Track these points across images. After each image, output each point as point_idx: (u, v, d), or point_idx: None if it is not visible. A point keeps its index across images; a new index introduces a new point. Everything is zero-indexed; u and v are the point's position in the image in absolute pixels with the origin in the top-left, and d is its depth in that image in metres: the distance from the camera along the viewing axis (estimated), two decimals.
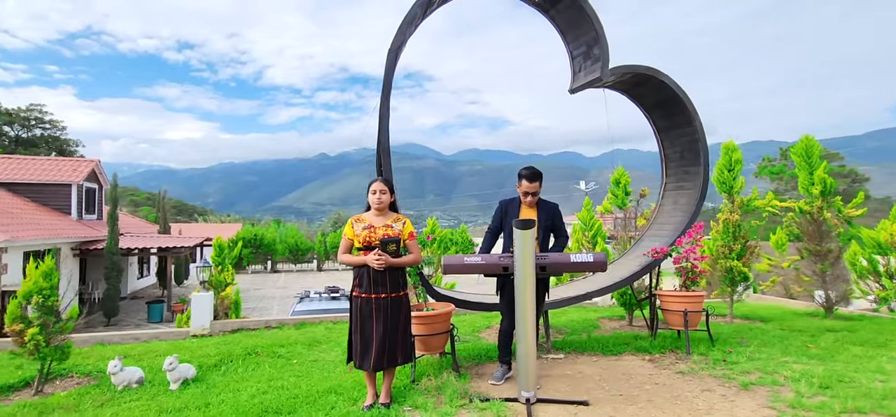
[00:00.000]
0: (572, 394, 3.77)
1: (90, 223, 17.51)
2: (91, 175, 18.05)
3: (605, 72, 5.09)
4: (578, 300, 5.04)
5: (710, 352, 4.73)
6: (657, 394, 3.69)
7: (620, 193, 6.92)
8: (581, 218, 9.52)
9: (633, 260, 5.48)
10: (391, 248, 3.50)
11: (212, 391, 4.25)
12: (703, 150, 5.45)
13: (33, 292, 4.44)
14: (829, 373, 3.92)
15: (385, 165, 4.45)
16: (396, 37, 4.47)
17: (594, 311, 7.86)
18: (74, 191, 16.93)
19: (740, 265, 6.83)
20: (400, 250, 3.59)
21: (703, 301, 4.95)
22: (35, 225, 14.08)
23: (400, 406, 3.57)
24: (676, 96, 5.37)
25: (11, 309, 4.43)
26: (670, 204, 5.89)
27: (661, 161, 6.02)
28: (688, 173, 5.69)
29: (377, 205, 3.65)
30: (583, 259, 3.40)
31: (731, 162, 7.23)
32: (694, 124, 5.45)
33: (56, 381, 4.88)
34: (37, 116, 29.81)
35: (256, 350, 5.65)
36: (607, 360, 4.68)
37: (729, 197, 7.26)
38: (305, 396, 3.90)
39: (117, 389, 4.37)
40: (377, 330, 3.52)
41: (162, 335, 7.04)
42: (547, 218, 4.01)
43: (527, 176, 3.94)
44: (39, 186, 16.37)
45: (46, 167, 17.45)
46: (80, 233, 15.98)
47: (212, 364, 5.18)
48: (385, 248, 3.48)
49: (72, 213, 16.85)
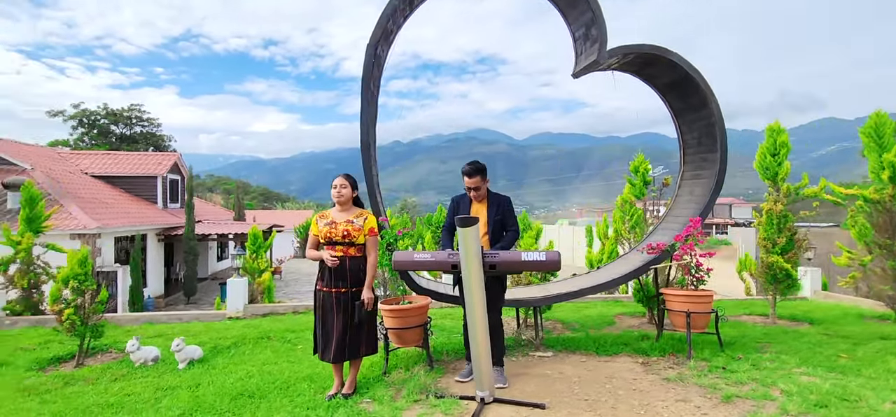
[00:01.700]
0: (539, 396, 3.64)
1: (173, 211, 19.44)
2: (174, 167, 19.99)
3: (602, 54, 4.76)
4: (567, 297, 4.81)
5: (713, 358, 4.33)
6: (625, 401, 3.46)
7: (638, 182, 6.43)
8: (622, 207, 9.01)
9: (636, 257, 5.12)
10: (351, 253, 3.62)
11: (210, 372, 4.62)
12: (720, 135, 4.93)
13: (70, 277, 5.05)
14: (837, 389, 3.44)
15: (365, 161, 4.52)
16: (375, 32, 4.48)
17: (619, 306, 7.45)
18: (159, 183, 18.87)
19: (782, 261, 6.13)
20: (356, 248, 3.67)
21: (712, 301, 4.53)
22: (125, 214, 15.91)
23: (361, 398, 3.67)
24: (689, 76, 4.89)
25: (53, 291, 5.09)
26: (686, 194, 5.40)
27: (680, 147, 5.53)
28: (705, 160, 5.18)
29: (337, 199, 3.73)
30: (535, 257, 3.25)
31: (775, 145, 6.45)
32: (710, 106, 4.94)
33: (97, 355, 5.55)
34: (137, 115, 33.59)
35: (269, 335, 6.02)
36: (596, 361, 4.45)
37: (773, 184, 6.50)
38: (283, 382, 4.12)
39: (135, 365, 4.88)
40: (337, 323, 3.63)
41: (202, 316, 7.72)
42: (497, 212, 3.95)
43: (466, 172, 3.96)
44: (130, 179, 18.44)
45: (136, 161, 19.58)
46: (164, 221, 17.82)
47: (226, 347, 5.60)
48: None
49: (158, 202, 18.81)
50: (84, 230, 13.18)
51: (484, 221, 3.99)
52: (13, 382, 4.62)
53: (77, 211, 13.71)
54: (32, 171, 15.10)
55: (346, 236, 3.65)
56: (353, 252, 3.68)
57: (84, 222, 13.32)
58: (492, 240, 3.98)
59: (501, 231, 4.03)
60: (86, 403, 3.92)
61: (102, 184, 17.83)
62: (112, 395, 4.08)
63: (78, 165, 18.49)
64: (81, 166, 18.48)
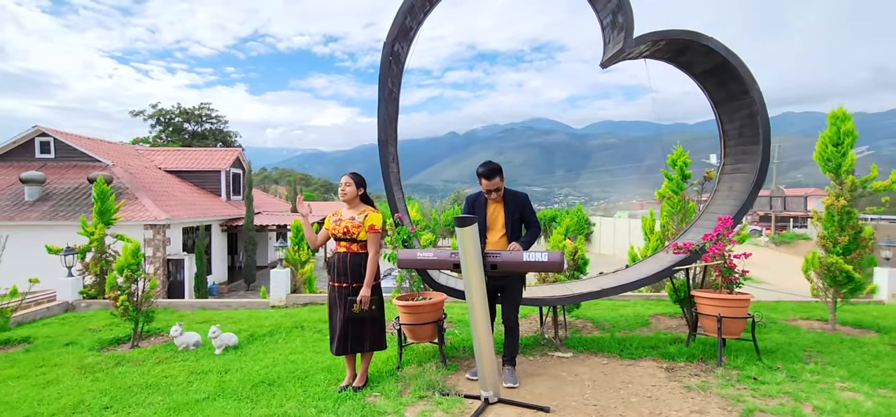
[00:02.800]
0: (548, 398, 3.57)
1: (235, 203, 20.70)
2: (236, 161, 21.25)
3: (629, 41, 4.51)
4: (586, 297, 4.63)
5: (747, 366, 4.02)
6: (635, 409, 3.31)
7: (676, 176, 5.98)
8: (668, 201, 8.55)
9: (667, 256, 4.83)
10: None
11: (241, 359, 4.91)
12: (762, 126, 4.53)
13: (124, 267, 5.54)
14: (880, 410, 3.09)
15: (382, 158, 4.59)
16: (391, 29, 4.51)
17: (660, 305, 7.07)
18: (223, 176, 20.14)
19: (842, 261, 5.55)
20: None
21: (748, 305, 4.20)
22: (191, 206, 17.14)
23: (370, 391, 3.76)
24: (726, 62, 4.53)
25: (110, 279, 5.60)
26: (725, 189, 5.02)
27: (720, 138, 5.14)
28: (746, 153, 4.79)
29: (342, 197, 3.83)
30: (537, 258, 3.15)
31: (839, 134, 5.82)
32: (751, 94, 4.55)
33: (150, 338, 6.05)
34: (206, 113, 36.04)
35: (303, 325, 6.29)
36: (617, 364, 4.28)
37: (836, 178, 5.89)
38: (303, 372, 4.30)
39: (178, 349, 5.28)
40: (340, 317, 3.72)
41: (248, 304, 8.19)
42: (514, 211, 3.85)
43: (482, 173, 3.86)
44: (197, 173, 19.82)
45: (202, 156, 21.00)
46: (227, 212, 19.04)
47: (262, 335, 5.92)
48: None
49: (221, 195, 20.10)
50: (155, 220, 14.35)
51: (502, 221, 3.93)
52: (76, 360, 5.15)
53: (150, 204, 14.95)
54: (113, 167, 16.62)
55: (346, 232, 3.73)
56: (355, 248, 3.75)
57: (155, 213, 14.49)
58: (510, 239, 3.89)
59: (520, 229, 3.95)
60: (129, 382, 4.29)
61: (173, 178, 19.30)
62: (152, 376, 4.44)
63: (152, 161, 20.12)
64: (155, 162, 20.09)
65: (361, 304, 3.63)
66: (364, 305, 3.64)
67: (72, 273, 8.27)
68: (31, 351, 5.61)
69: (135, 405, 3.78)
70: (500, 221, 3.93)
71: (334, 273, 3.74)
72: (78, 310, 8.01)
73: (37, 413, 3.71)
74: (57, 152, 16.97)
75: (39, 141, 17.01)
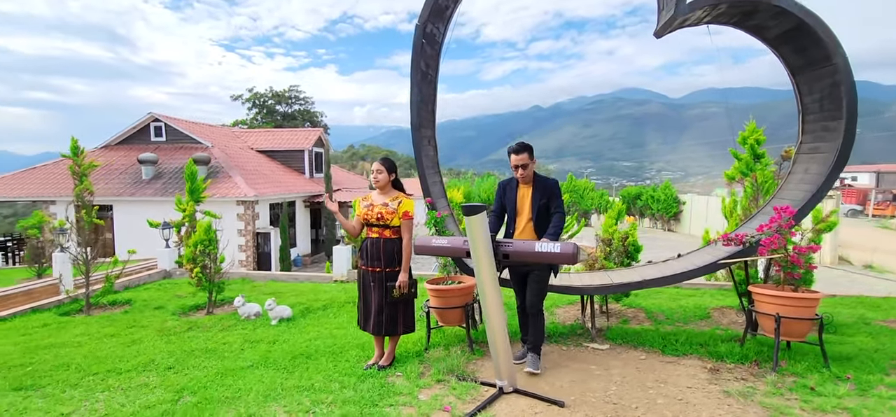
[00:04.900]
0: (568, 392, 3.44)
1: (318, 180, 22.02)
2: (318, 141, 22.53)
3: (681, 6, 4.05)
4: (620, 289, 4.32)
5: (808, 373, 3.56)
6: (658, 412, 3.08)
7: (747, 156, 5.27)
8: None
9: (724, 248, 4.34)
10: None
11: (290, 330, 5.29)
12: (846, 98, 3.87)
13: (198, 242, 6.17)
14: None
15: (415, 142, 4.61)
16: (423, 10, 4.46)
17: (728, 297, 6.43)
18: (306, 155, 21.47)
19: None
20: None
21: (816, 304, 3.68)
22: (277, 183, 18.53)
23: (394, 370, 3.88)
24: (803, 24, 3.91)
25: (187, 252, 6.27)
26: (800, 172, 4.38)
27: (798, 113, 4.48)
28: (826, 130, 4.12)
29: (374, 183, 3.91)
30: (548, 248, 3.00)
31: None
32: (834, 61, 3.89)
33: (223, 306, 6.72)
34: (295, 95, 38.49)
35: (355, 300, 6.60)
36: (656, 360, 3.99)
37: None
38: (339, 347, 4.53)
39: (241, 318, 5.81)
40: (375, 300, 3.85)
41: (314, 277, 8.76)
42: (541, 197, 3.73)
43: (512, 149, 3.80)
44: (283, 152, 21.31)
45: (287, 137, 22.51)
46: (310, 189, 20.33)
47: (315, 308, 6.32)
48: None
49: (305, 172, 21.48)
50: (245, 197, 15.74)
51: (528, 206, 3.83)
52: (158, 322, 5.88)
53: (241, 182, 16.40)
54: (212, 148, 18.40)
55: (379, 218, 3.81)
56: (389, 233, 3.83)
57: (245, 191, 15.88)
58: (536, 225, 3.80)
59: (547, 216, 3.82)
60: (193, 346, 4.82)
61: (263, 157, 20.94)
62: (213, 342, 4.95)
63: (246, 142, 21.96)
64: (248, 142, 21.92)
65: (401, 288, 3.77)
66: (403, 289, 3.77)
67: (169, 244, 9.38)
68: (128, 312, 6.49)
69: (192, 367, 4.24)
70: (528, 205, 3.83)
71: (368, 257, 3.86)
72: (173, 277, 9.10)
73: (117, 369, 4.30)
74: (167, 135, 19.12)
75: (153, 126, 19.26)
